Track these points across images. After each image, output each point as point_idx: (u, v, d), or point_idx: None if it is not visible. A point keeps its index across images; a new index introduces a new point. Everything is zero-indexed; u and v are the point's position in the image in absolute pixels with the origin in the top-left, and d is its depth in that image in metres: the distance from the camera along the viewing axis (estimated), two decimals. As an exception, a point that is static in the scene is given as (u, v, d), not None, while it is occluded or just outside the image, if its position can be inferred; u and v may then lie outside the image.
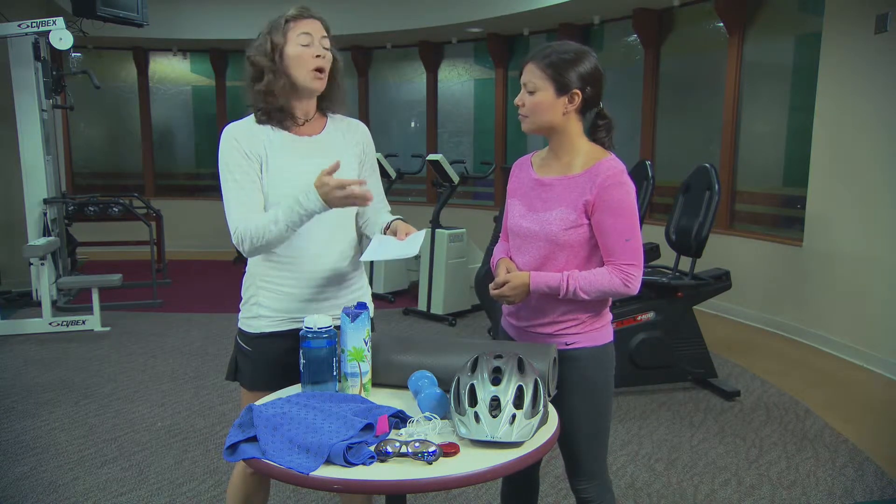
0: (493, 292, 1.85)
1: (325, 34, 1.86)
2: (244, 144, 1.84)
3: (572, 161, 1.84)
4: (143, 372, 4.44)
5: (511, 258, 1.94)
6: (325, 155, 1.89)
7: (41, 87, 5.80)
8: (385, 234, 1.89)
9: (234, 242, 1.84)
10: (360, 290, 2.03)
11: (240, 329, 1.98)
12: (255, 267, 1.94)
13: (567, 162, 1.84)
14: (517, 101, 1.83)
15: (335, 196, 1.71)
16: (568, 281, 1.78)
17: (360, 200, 1.74)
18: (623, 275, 1.78)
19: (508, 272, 1.86)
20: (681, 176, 4.47)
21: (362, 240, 2.05)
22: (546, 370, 1.64)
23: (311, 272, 1.90)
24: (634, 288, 1.79)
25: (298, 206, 1.75)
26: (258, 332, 1.92)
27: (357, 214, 2.01)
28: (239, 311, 1.99)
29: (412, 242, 1.79)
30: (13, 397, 3.97)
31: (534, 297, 1.85)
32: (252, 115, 1.90)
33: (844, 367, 4.64)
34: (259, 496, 2.09)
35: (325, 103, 1.95)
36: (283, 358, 1.89)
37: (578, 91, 1.77)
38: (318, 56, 1.83)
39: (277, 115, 1.86)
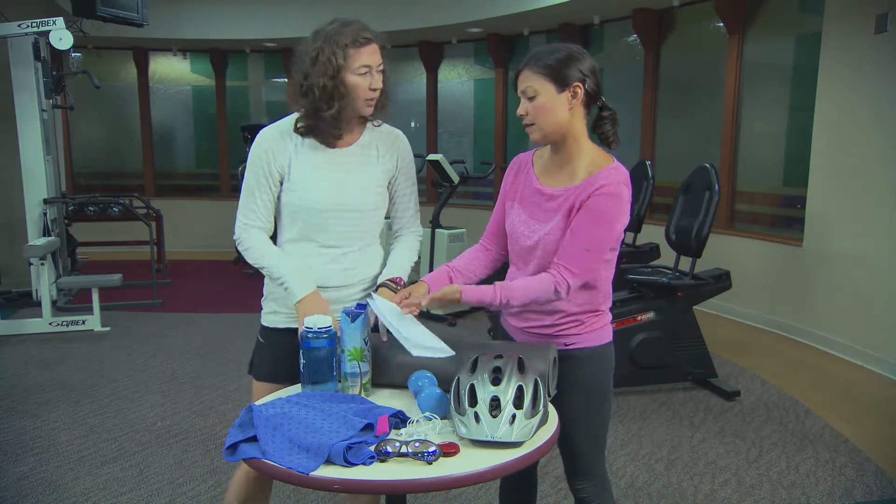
0: (424, 302, 1.74)
1: (381, 60, 1.85)
2: (270, 158, 1.89)
3: (576, 170, 1.79)
4: (143, 372, 4.44)
5: (513, 265, 1.92)
6: (347, 170, 1.92)
7: (41, 87, 5.80)
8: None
9: (235, 238, 1.95)
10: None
11: (260, 324, 2.05)
12: None
13: (570, 171, 1.80)
14: (519, 111, 1.78)
15: (301, 320, 1.80)
16: (499, 293, 1.73)
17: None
18: (557, 278, 1.72)
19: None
20: (681, 176, 4.47)
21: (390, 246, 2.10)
22: (546, 370, 1.64)
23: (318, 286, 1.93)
24: (562, 295, 1.73)
25: (287, 278, 1.87)
26: (273, 326, 2.01)
27: (391, 219, 2.09)
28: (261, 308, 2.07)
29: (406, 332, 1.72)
30: (13, 397, 3.97)
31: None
32: (292, 118, 1.91)
33: (844, 367, 4.64)
34: (258, 502, 2.08)
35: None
36: (292, 353, 1.90)
37: (579, 83, 1.74)
38: (373, 89, 1.83)
39: (319, 132, 1.87)
